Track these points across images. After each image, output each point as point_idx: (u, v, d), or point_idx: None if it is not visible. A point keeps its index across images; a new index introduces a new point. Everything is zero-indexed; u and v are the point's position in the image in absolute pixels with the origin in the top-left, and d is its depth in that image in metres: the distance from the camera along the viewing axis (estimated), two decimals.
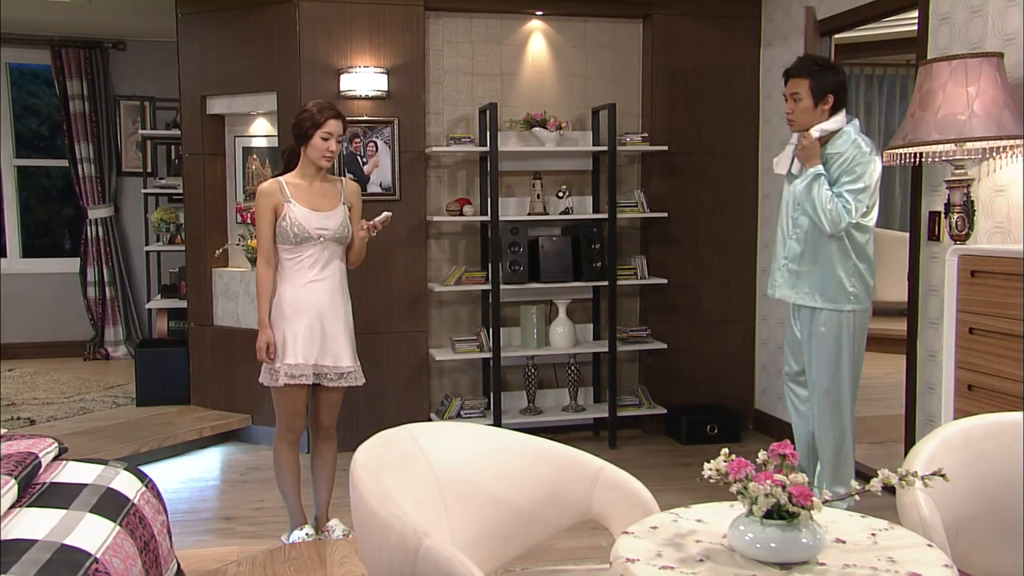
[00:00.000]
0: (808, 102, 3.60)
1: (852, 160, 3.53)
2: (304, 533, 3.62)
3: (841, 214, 3.49)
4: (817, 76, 3.59)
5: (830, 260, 3.63)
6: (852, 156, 3.54)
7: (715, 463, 1.86)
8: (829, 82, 3.59)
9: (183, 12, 5.33)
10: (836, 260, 3.62)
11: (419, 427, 2.30)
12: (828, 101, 3.59)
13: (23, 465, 2.36)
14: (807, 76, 3.60)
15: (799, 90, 3.61)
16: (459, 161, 5.29)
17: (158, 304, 6.29)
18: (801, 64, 3.67)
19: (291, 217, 3.46)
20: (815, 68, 3.62)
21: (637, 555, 1.81)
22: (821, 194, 3.52)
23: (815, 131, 3.60)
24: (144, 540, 2.40)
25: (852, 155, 3.54)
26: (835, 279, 3.63)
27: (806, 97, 3.60)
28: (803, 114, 3.62)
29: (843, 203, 3.50)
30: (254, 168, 5.54)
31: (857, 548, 1.83)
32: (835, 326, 3.67)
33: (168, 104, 7.17)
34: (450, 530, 2.18)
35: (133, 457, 4.60)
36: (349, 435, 4.16)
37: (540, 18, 5.33)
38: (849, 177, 3.52)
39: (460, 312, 5.35)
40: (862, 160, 3.51)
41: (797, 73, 3.64)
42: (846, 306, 3.64)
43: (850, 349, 3.68)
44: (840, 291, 3.63)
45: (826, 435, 3.79)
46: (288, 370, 3.47)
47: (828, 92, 3.59)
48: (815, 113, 3.60)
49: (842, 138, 3.59)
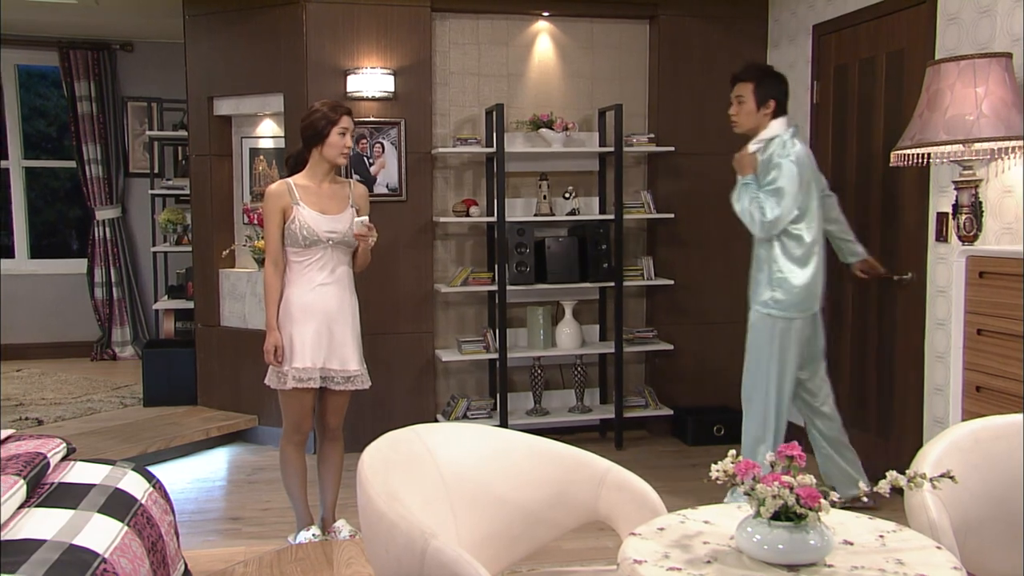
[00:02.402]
0: (751, 105, 3.79)
1: (770, 163, 3.70)
2: (311, 534, 3.63)
3: (754, 214, 3.67)
4: (761, 81, 3.79)
5: (760, 265, 3.82)
6: (770, 158, 3.70)
7: (722, 464, 1.86)
8: (772, 88, 3.79)
9: (190, 13, 5.35)
10: (764, 265, 3.79)
11: (426, 428, 2.31)
12: (770, 106, 3.78)
13: (32, 465, 2.37)
14: (752, 80, 3.80)
15: (743, 93, 3.80)
16: (465, 162, 5.29)
17: (165, 305, 6.30)
18: (747, 69, 3.88)
19: (300, 220, 3.45)
20: (760, 73, 3.84)
21: (644, 556, 1.80)
22: (742, 198, 3.74)
23: (752, 145, 3.80)
24: (152, 540, 2.41)
25: (771, 156, 3.70)
26: (762, 284, 3.80)
27: (749, 100, 3.79)
28: (746, 116, 3.82)
29: (759, 203, 3.66)
30: (261, 169, 5.55)
31: (865, 550, 1.82)
32: (758, 329, 3.81)
33: (175, 105, 7.19)
34: (457, 531, 2.18)
35: (140, 457, 4.61)
36: (355, 436, 4.17)
37: (546, 19, 5.33)
38: (767, 178, 3.70)
39: (466, 313, 5.35)
40: (779, 161, 3.66)
41: (743, 77, 3.83)
42: (770, 311, 3.77)
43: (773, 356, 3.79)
44: (764, 296, 3.78)
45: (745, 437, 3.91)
46: (296, 373, 3.47)
47: (770, 97, 3.77)
48: (757, 116, 3.79)
49: (772, 144, 3.74)
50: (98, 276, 7.53)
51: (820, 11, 4.88)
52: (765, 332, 3.81)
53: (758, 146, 3.77)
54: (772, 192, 3.65)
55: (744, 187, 3.75)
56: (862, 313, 4.57)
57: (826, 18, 4.81)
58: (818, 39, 4.90)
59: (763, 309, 3.79)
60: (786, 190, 3.63)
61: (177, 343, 6.01)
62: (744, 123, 3.83)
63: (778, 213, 3.64)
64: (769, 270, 3.76)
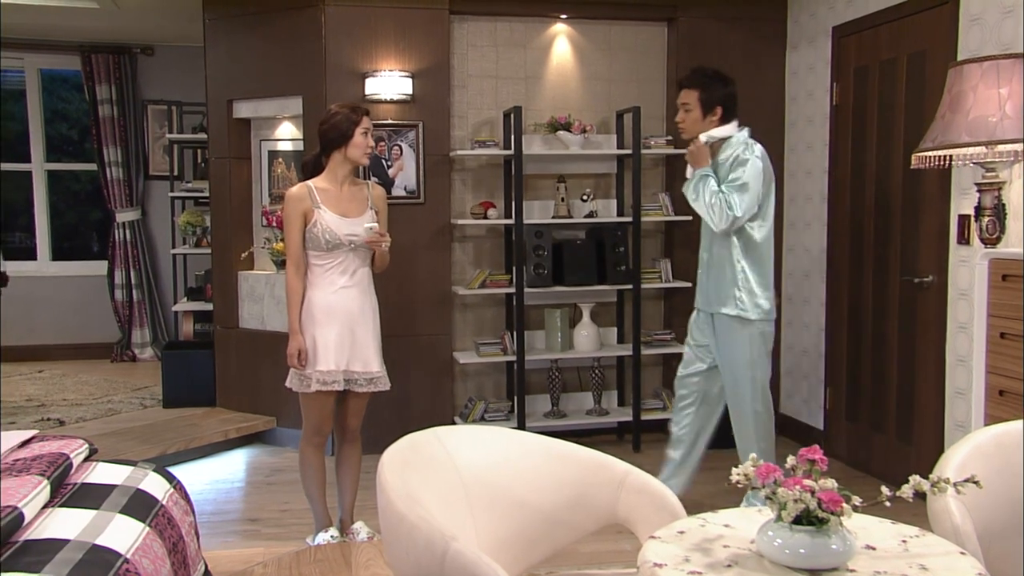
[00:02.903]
0: (697, 112, 3.71)
1: (736, 160, 3.63)
2: (329, 535, 3.64)
3: (723, 208, 3.59)
4: (707, 87, 3.70)
5: (721, 264, 3.75)
6: (736, 156, 3.64)
7: (743, 468, 1.85)
8: (718, 94, 3.70)
9: (210, 17, 5.38)
10: (726, 264, 3.73)
11: (445, 430, 2.31)
12: (716, 112, 3.70)
13: (55, 465, 2.39)
14: (697, 87, 3.72)
15: (689, 100, 3.73)
16: (483, 164, 5.30)
17: (184, 307, 6.34)
18: (692, 75, 3.77)
19: (322, 224, 3.45)
20: (705, 80, 3.73)
21: (664, 560, 1.80)
22: (705, 190, 3.63)
23: (703, 136, 3.71)
24: (172, 541, 2.42)
25: (736, 154, 3.64)
26: (726, 285, 3.73)
27: (695, 107, 3.72)
28: (693, 124, 3.74)
29: (725, 197, 3.60)
30: (279, 171, 5.58)
31: (888, 555, 1.81)
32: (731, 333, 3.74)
33: (195, 108, 7.23)
34: (476, 533, 2.18)
35: (160, 458, 4.64)
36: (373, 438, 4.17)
37: (564, 21, 5.33)
38: (733, 175, 3.62)
39: (484, 315, 5.36)
40: (746, 158, 3.61)
41: (688, 84, 3.75)
42: (740, 313, 3.71)
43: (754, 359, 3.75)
44: (732, 298, 3.72)
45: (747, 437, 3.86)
46: (320, 376, 3.48)
47: (717, 104, 3.69)
48: (704, 123, 3.72)
49: (730, 145, 3.70)
50: (118, 278, 7.60)
51: (840, 12, 4.85)
52: (739, 335, 3.73)
53: (709, 139, 3.73)
54: (738, 188, 3.60)
55: (703, 179, 3.65)
56: (882, 316, 4.54)
57: (846, 19, 4.78)
58: (838, 41, 4.87)
59: (732, 311, 3.71)
60: (751, 186, 3.61)
61: (196, 345, 6.04)
62: (691, 130, 3.75)
63: (744, 208, 3.62)
64: (733, 271, 3.72)
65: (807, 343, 5.28)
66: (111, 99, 7.41)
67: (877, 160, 4.56)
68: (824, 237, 5.04)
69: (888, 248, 4.48)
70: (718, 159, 3.71)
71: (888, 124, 4.46)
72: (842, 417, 4.91)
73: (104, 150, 7.44)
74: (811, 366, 5.23)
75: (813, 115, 5.16)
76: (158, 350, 7.42)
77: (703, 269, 3.87)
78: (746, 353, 3.74)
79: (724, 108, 3.70)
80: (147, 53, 7.57)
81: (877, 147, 4.56)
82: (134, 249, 7.59)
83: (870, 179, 4.62)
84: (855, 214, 4.76)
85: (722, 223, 3.62)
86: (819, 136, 5.09)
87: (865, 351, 4.69)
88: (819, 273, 5.12)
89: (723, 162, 3.69)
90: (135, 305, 7.62)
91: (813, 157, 5.16)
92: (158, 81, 7.62)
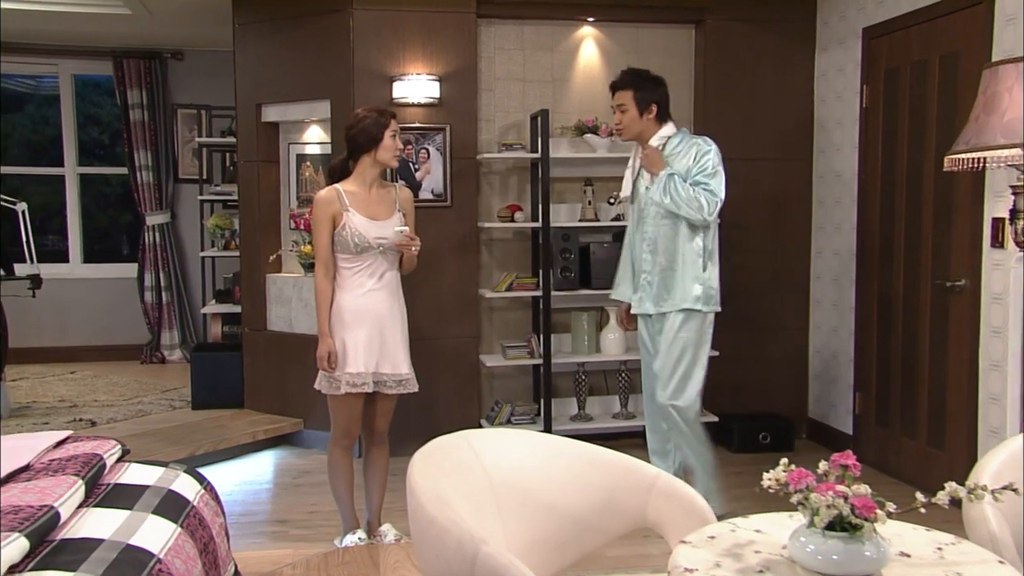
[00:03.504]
0: (633, 112, 3.81)
1: (698, 151, 3.72)
2: (357, 537, 3.65)
3: (706, 196, 3.66)
4: (640, 87, 3.81)
5: (682, 262, 3.78)
6: (695, 147, 3.74)
7: (775, 473, 1.83)
8: (652, 93, 3.81)
9: (240, 22, 5.43)
10: (689, 260, 3.77)
11: (474, 433, 2.31)
12: (652, 111, 3.81)
13: (90, 466, 2.42)
14: (631, 87, 3.81)
15: (624, 101, 3.82)
16: (510, 167, 5.30)
17: (212, 309, 6.40)
18: (624, 76, 3.87)
19: (351, 227, 3.47)
20: (638, 80, 3.83)
21: (695, 565, 1.79)
22: (679, 189, 3.69)
23: (655, 140, 3.81)
24: (204, 542, 2.44)
25: (693, 151, 3.73)
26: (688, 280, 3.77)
27: (631, 107, 3.81)
28: (630, 123, 3.83)
29: (703, 187, 3.67)
30: (307, 175, 5.62)
31: (923, 562, 1.79)
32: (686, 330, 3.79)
33: (224, 112, 7.31)
34: (505, 537, 2.18)
35: (189, 459, 4.68)
36: (400, 440, 4.19)
37: (592, 24, 5.32)
38: (699, 165, 3.71)
39: (511, 318, 5.36)
40: (707, 147, 3.72)
41: (621, 85, 3.84)
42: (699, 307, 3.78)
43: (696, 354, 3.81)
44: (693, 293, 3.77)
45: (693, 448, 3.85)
46: (349, 379, 3.50)
47: (651, 102, 3.80)
48: (641, 122, 3.81)
49: (676, 141, 3.81)
50: (148, 280, 7.68)
51: (870, 14, 4.81)
52: (694, 330, 3.80)
53: (660, 142, 3.80)
54: (711, 175, 3.70)
55: (670, 179, 3.71)
56: (913, 320, 4.49)
57: (876, 21, 4.74)
58: (868, 42, 4.83)
59: (692, 306, 3.78)
60: (720, 171, 3.72)
61: (224, 347, 6.09)
62: (630, 130, 3.84)
63: (723, 191, 3.72)
64: (695, 266, 3.78)
65: (836, 347, 5.23)
66: (142, 103, 7.50)
67: (908, 162, 4.51)
68: (854, 240, 4.99)
69: (919, 251, 4.43)
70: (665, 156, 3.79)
71: (919, 126, 4.41)
72: (871, 422, 4.86)
73: (135, 154, 7.53)
74: (840, 370, 5.18)
75: (842, 117, 5.11)
76: (187, 352, 7.49)
77: (649, 271, 3.87)
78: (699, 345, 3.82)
79: (659, 106, 3.81)
80: (177, 58, 7.66)
81: (908, 149, 4.51)
82: (164, 252, 7.67)
83: (901, 181, 4.57)
84: (885, 217, 4.71)
85: (709, 211, 3.70)
86: (848, 138, 5.04)
87: (895, 355, 4.63)
88: (848, 276, 5.07)
89: (671, 158, 3.77)
90: (164, 307, 7.70)
91: (842, 160, 5.12)
92: (188, 85, 7.70)
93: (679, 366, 3.82)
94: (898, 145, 4.59)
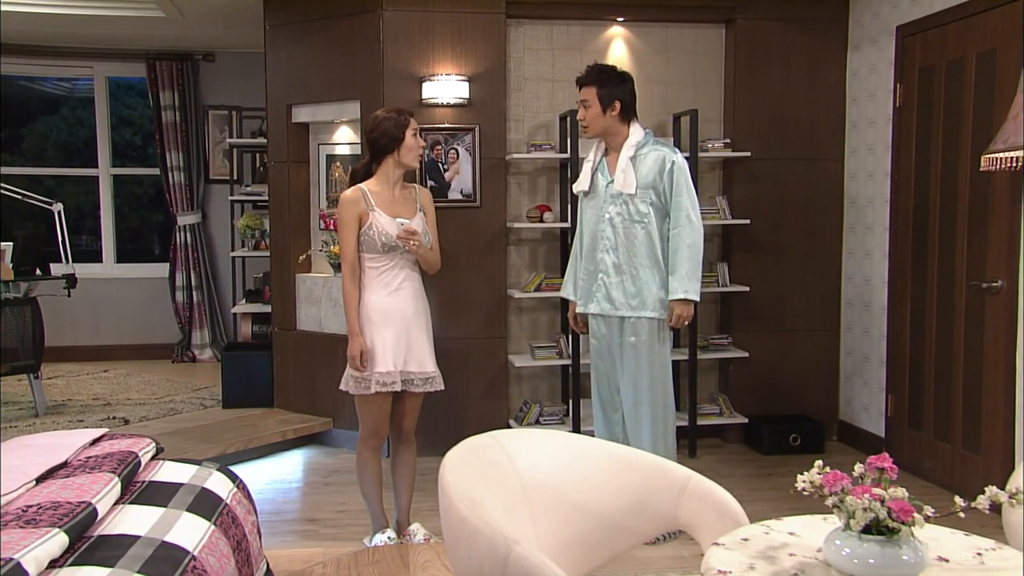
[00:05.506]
0: (597, 108, 3.77)
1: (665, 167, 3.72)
2: (386, 536, 3.66)
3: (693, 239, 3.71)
4: (604, 83, 3.76)
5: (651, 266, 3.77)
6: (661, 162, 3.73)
7: (809, 475, 1.82)
8: (616, 89, 3.77)
9: (271, 24, 5.48)
10: (653, 267, 3.77)
11: (505, 434, 2.31)
12: (616, 107, 3.76)
13: (125, 463, 2.45)
14: (595, 84, 3.77)
15: (588, 97, 3.78)
16: (539, 168, 5.30)
17: (243, 309, 6.45)
18: (589, 72, 3.82)
19: (377, 226, 3.49)
20: (602, 76, 3.79)
21: (729, 567, 1.78)
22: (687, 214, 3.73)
23: (627, 151, 3.76)
24: (236, 539, 2.46)
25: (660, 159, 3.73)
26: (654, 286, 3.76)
27: (595, 104, 3.77)
28: (594, 119, 3.79)
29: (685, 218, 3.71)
30: (337, 175, 5.65)
31: (962, 568, 1.76)
32: (647, 333, 3.77)
33: (254, 113, 7.38)
34: (537, 537, 2.18)
35: (220, 458, 4.73)
36: (429, 440, 4.21)
37: (621, 24, 5.30)
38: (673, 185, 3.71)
39: (539, 318, 5.36)
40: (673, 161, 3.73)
41: (586, 81, 3.80)
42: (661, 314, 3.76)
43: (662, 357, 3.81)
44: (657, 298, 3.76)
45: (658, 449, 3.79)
46: (379, 378, 3.51)
47: (615, 99, 3.75)
48: (604, 119, 3.77)
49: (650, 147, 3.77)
50: (179, 280, 7.76)
51: (904, 12, 4.75)
52: (657, 336, 3.80)
53: (631, 152, 3.77)
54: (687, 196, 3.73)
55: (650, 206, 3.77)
56: (947, 321, 4.43)
57: (910, 19, 4.69)
58: (902, 40, 4.77)
59: (654, 313, 3.76)
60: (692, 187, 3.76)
61: (254, 346, 6.14)
62: (594, 126, 3.80)
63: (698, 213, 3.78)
64: (661, 272, 3.77)
65: (868, 349, 5.17)
66: (174, 105, 7.58)
67: (943, 162, 4.46)
68: (886, 241, 4.93)
69: (954, 252, 4.37)
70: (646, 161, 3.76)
71: (954, 125, 4.35)
72: (904, 425, 4.80)
73: (167, 155, 7.62)
74: (872, 372, 5.13)
75: (875, 117, 5.06)
76: (217, 351, 7.57)
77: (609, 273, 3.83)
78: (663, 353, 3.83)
79: (622, 103, 3.77)
80: (208, 60, 7.73)
81: (943, 149, 4.45)
82: (194, 252, 7.75)
83: (935, 181, 4.51)
84: (919, 217, 4.65)
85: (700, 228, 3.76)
86: (881, 138, 4.99)
87: (928, 357, 4.58)
88: (880, 277, 5.01)
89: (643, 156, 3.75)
90: (195, 307, 7.78)
91: (875, 159, 5.06)
92: (219, 87, 7.77)
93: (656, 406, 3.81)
94: (932, 144, 4.53)
